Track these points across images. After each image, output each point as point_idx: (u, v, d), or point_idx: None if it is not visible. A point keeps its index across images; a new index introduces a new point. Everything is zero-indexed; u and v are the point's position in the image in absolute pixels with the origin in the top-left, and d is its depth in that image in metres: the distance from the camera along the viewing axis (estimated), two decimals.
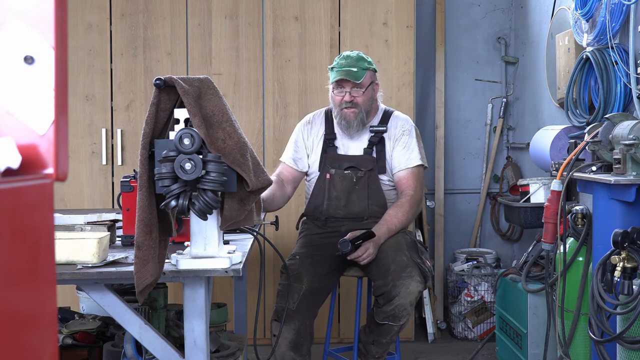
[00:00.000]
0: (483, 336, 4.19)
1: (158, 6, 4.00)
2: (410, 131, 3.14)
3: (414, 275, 2.84)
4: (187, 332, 2.02)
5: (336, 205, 3.10)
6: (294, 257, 3.03)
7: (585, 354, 2.81)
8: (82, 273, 1.97)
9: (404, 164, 3.09)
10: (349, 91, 3.04)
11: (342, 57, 3.09)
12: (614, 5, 2.93)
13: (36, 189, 0.78)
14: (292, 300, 2.89)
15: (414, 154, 3.11)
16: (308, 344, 2.91)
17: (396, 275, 2.83)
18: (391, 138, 3.12)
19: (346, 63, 3.04)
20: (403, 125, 3.14)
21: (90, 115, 4.02)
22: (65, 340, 2.86)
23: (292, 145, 3.25)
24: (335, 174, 3.09)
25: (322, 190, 3.12)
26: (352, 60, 3.06)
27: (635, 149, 2.44)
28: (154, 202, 1.94)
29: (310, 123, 3.24)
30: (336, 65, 3.07)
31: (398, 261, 2.87)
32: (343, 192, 3.08)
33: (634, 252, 2.28)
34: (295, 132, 3.28)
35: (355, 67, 3.03)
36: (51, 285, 0.80)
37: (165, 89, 1.98)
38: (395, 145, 3.11)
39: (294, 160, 3.21)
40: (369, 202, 3.08)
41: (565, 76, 3.51)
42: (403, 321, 2.85)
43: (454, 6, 4.76)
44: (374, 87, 3.13)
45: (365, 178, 3.08)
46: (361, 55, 3.10)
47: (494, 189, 4.80)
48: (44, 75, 0.79)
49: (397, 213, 3.00)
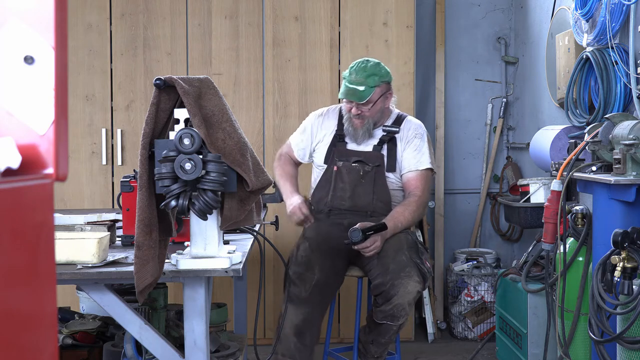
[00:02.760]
0: (483, 336, 4.19)
1: (158, 6, 4.00)
2: (423, 135, 3.14)
3: (413, 275, 2.84)
4: (187, 332, 2.02)
5: (341, 197, 3.09)
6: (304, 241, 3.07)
7: (585, 354, 2.81)
8: (82, 273, 1.97)
9: (414, 165, 3.10)
10: (355, 106, 3.04)
11: (354, 70, 3.04)
12: (614, 5, 2.93)
13: (36, 189, 0.78)
14: (305, 288, 2.93)
15: (425, 157, 3.11)
16: (312, 336, 2.92)
17: (395, 274, 2.83)
18: (403, 140, 3.12)
19: (355, 79, 3.00)
20: (416, 129, 3.14)
21: (90, 115, 4.02)
22: (65, 340, 2.86)
23: (300, 132, 3.28)
24: (342, 167, 3.10)
25: (327, 182, 3.12)
26: (363, 76, 3.00)
27: (635, 149, 2.44)
28: (154, 202, 1.94)
29: (323, 115, 3.25)
30: (346, 78, 3.04)
31: (398, 261, 2.87)
32: (349, 184, 3.08)
33: (634, 252, 2.28)
34: (309, 120, 3.28)
35: (362, 86, 2.99)
36: (51, 285, 0.80)
37: (165, 89, 1.98)
38: (406, 147, 3.11)
39: (297, 149, 3.27)
40: (374, 197, 3.08)
41: (565, 76, 3.51)
42: (401, 321, 2.85)
43: (454, 6, 4.76)
44: (387, 96, 3.10)
45: (372, 173, 3.08)
46: (374, 70, 3.03)
47: (494, 189, 4.79)
48: (44, 75, 0.79)
49: (404, 211, 3.01)
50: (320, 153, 3.19)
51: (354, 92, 3.00)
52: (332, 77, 4.04)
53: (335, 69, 4.05)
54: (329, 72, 4.05)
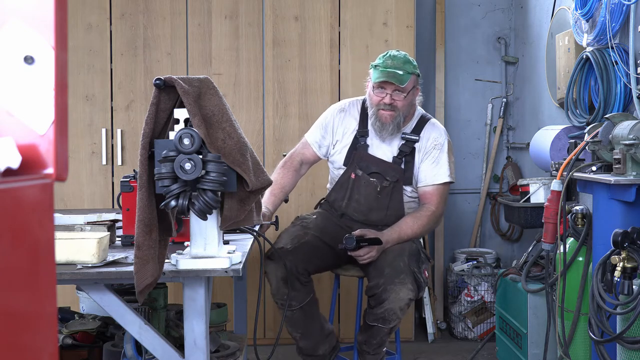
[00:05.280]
0: (483, 336, 4.19)
1: (158, 6, 4.00)
2: (443, 145, 3.05)
3: (407, 282, 2.81)
4: (187, 332, 2.02)
5: (355, 208, 3.06)
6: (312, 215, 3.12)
7: (585, 354, 2.81)
8: (82, 273, 1.97)
9: (430, 179, 3.02)
10: (390, 93, 2.94)
11: (388, 57, 2.97)
12: (614, 5, 2.93)
13: (36, 189, 0.78)
14: (292, 242, 2.96)
15: (443, 169, 3.03)
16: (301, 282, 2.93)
17: (389, 279, 2.81)
18: (421, 150, 3.03)
19: (392, 64, 2.93)
20: (436, 139, 3.05)
21: (90, 115, 4.02)
22: (65, 340, 2.86)
23: (320, 128, 3.15)
24: (361, 177, 3.02)
25: (344, 188, 3.07)
26: (399, 61, 2.94)
27: (635, 149, 2.44)
28: (154, 202, 1.94)
29: (344, 111, 3.13)
30: (381, 64, 2.95)
31: (394, 265, 2.85)
32: (365, 197, 3.03)
33: (634, 252, 2.28)
34: (327, 115, 3.17)
35: (401, 70, 2.93)
36: (51, 285, 0.80)
37: (165, 89, 1.98)
38: (424, 159, 3.03)
39: (319, 146, 3.15)
40: (388, 213, 3.03)
41: (565, 76, 3.51)
42: (392, 324, 2.84)
43: (454, 6, 4.76)
44: (415, 91, 3.03)
45: (390, 188, 3.00)
46: (408, 58, 2.99)
47: (494, 189, 4.80)
48: (44, 75, 0.79)
49: (413, 224, 2.96)
50: (339, 155, 3.10)
51: (394, 75, 2.90)
52: (332, 77, 4.05)
53: (335, 69, 4.05)
54: (329, 72, 4.05)
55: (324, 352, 3.13)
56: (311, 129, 3.21)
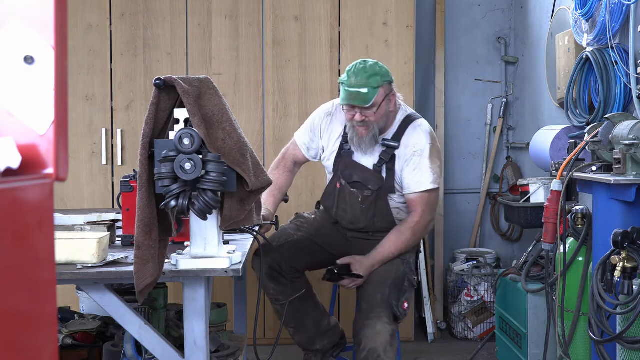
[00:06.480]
0: (483, 336, 4.19)
1: (158, 6, 4.00)
2: (423, 151, 2.90)
3: (382, 316, 2.74)
4: (187, 332, 2.02)
5: (342, 217, 3.07)
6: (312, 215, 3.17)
7: (585, 354, 2.81)
8: (82, 273, 1.98)
9: (413, 187, 2.92)
10: (359, 111, 2.82)
11: (352, 72, 2.79)
12: (614, 5, 2.93)
13: (36, 189, 0.78)
14: (278, 240, 3.04)
15: (425, 176, 2.90)
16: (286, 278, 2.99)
17: (364, 315, 2.78)
18: (401, 158, 2.92)
19: (355, 82, 2.76)
20: (415, 145, 2.91)
21: (90, 115, 4.02)
22: (65, 340, 2.86)
23: (309, 131, 3.11)
24: (344, 187, 3.00)
25: (332, 197, 3.07)
26: (364, 77, 2.77)
27: (635, 149, 2.44)
28: (154, 202, 1.95)
29: (331, 115, 3.06)
30: (346, 82, 2.79)
31: (372, 300, 2.80)
32: (352, 207, 3.01)
33: (634, 252, 2.29)
34: (315, 118, 3.11)
35: (365, 88, 2.76)
36: (51, 285, 0.80)
37: (165, 89, 1.98)
38: (404, 167, 2.92)
39: (307, 149, 3.13)
40: (375, 220, 3.00)
41: (565, 76, 3.51)
42: None
43: (454, 6, 4.76)
44: (390, 98, 2.87)
45: (372, 197, 2.95)
46: (375, 70, 2.81)
47: (494, 189, 4.80)
48: (44, 75, 0.79)
49: (397, 240, 2.92)
50: (329, 161, 3.07)
51: (357, 96, 2.76)
52: (332, 77, 4.04)
53: (335, 69, 4.05)
54: (329, 72, 4.05)
55: (322, 347, 3.14)
56: (300, 130, 3.17)
